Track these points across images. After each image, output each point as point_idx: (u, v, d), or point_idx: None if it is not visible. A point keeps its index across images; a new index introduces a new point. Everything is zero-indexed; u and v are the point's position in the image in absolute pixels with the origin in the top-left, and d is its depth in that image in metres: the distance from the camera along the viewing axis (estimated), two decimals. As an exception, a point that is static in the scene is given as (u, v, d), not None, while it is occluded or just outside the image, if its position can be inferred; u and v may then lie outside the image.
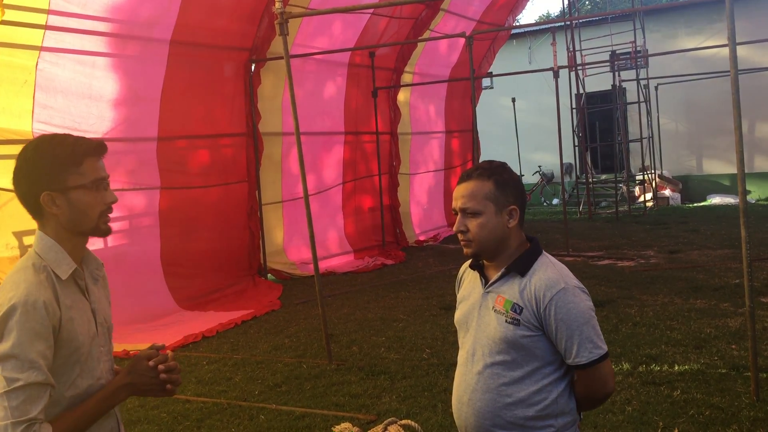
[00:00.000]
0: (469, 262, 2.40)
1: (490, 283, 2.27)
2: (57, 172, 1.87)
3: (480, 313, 2.27)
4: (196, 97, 9.45)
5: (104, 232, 1.97)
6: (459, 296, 2.46)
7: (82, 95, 7.87)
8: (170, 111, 8.90)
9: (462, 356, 2.34)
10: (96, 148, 1.93)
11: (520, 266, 2.21)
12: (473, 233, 2.22)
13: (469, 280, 2.42)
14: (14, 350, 1.73)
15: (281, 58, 7.94)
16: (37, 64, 7.31)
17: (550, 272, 2.18)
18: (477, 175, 2.23)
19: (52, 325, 1.80)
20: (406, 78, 14.20)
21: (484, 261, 2.31)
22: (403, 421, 4.68)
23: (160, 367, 1.94)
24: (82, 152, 1.90)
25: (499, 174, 2.23)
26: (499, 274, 2.24)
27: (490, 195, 2.20)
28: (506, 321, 2.17)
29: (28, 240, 7.40)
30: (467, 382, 2.26)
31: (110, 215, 1.97)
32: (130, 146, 8.50)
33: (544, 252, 2.27)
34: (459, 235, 2.27)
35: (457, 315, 2.41)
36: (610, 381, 2.17)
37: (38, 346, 1.76)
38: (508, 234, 2.23)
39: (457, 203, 2.26)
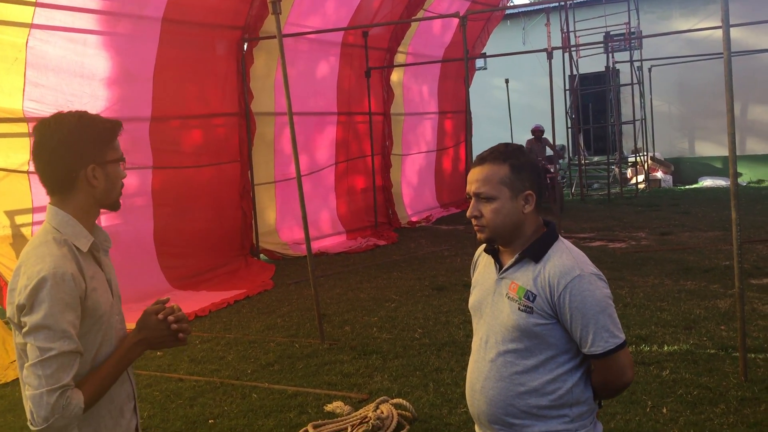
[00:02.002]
0: (484, 246, 2.31)
1: (504, 269, 2.20)
2: (101, 145, 1.97)
3: (493, 300, 2.20)
4: (189, 76, 9.39)
5: (118, 206, 2.08)
6: (473, 281, 2.38)
7: (74, 73, 7.81)
8: (163, 90, 8.84)
9: (475, 343, 2.27)
10: (120, 127, 2.06)
11: (535, 252, 2.14)
12: (487, 219, 2.14)
13: (483, 265, 2.34)
14: (46, 321, 1.80)
15: (274, 37, 7.92)
16: (27, 42, 7.24)
17: (565, 259, 2.10)
18: (492, 159, 2.15)
19: (79, 295, 1.87)
20: (400, 58, 14.14)
21: (499, 246, 2.24)
22: (395, 400, 4.74)
23: (170, 318, 2.02)
24: (114, 129, 2.02)
25: (516, 158, 2.14)
26: (513, 260, 2.17)
27: (506, 179, 2.12)
28: (519, 308, 2.10)
29: (20, 219, 7.38)
30: (480, 370, 2.20)
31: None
32: (123, 125, 8.44)
33: (560, 237, 2.20)
34: (473, 221, 2.18)
35: (471, 300, 2.32)
36: (628, 371, 2.10)
37: (68, 316, 1.83)
38: (523, 219, 2.15)
39: (471, 187, 2.17)
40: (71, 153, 1.94)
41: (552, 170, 13.84)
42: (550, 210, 13.37)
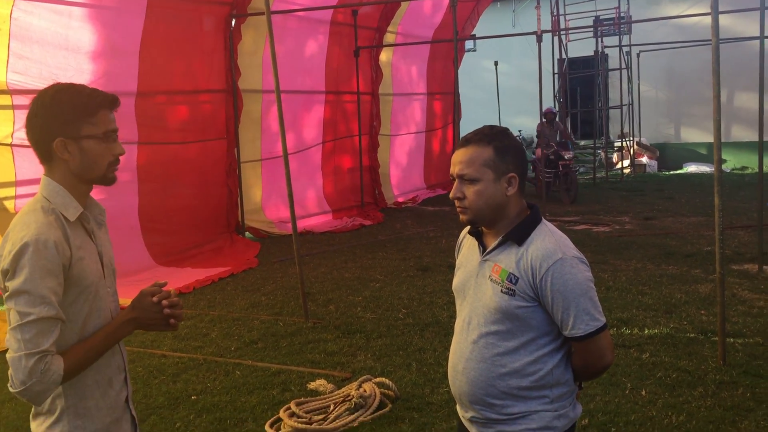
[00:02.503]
0: (468, 228, 2.32)
1: (487, 251, 2.21)
2: (72, 120, 1.94)
3: (477, 282, 2.22)
4: (175, 51, 9.28)
5: (111, 181, 2.06)
6: (458, 263, 2.39)
7: (59, 46, 7.70)
8: (149, 65, 8.74)
9: (458, 324, 2.28)
10: (111, 101, 2.03)
11: (518, 235, 2.15)
12: (470, 200, 2.15)
13: (467, 247, 2.35)
14: (26, 286, 1.83)
15: (262, 13, 7.83)
16: (11, 13, 7.13)
17: (547, 242, 2.11)
18: (476, 141, 2.15)
19: (63, 263, 1.88)
20: (389, 38, 14.05)
21: (483, 228, 2.25)
22: (378, 379, 4.77)
23: (164, 302, 2.02)
24: (97, 104, 1.98)
25: (500, 140, 2.15)
26: (497, 242, 2.18)
27: (489, 161, 2.12)
28: (501, 291, 2.12)
29: (3, 192, 7.31)
30: (462, 351, 2.22)
31: (116, 166, 2.06)
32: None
33: (543, 220, 2.21)
34: (456, 202, 2.19)
35: (455, 282, 2.34)
36: (608, 353, 2.13)
37: (49, 283, 1.85)
38: (506, 202, 2.16)
39: (454, 169, 2.18)
40: (41, 126, 1.96)
41: (566, 157, 13.32)
42: (559, 200, 13.31)
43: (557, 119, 14.53)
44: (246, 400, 4.75)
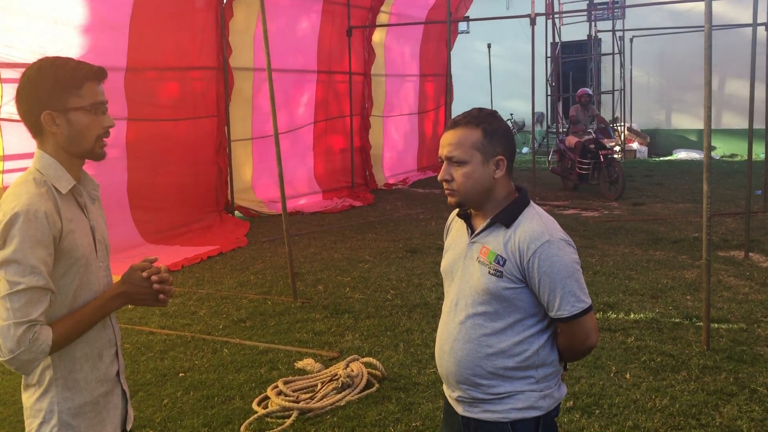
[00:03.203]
0: (457, 210, 2.34)
1: (475, 233, 2.22)
2: (58, 92, 1.95)
3: (465, 263, 2.23)
4: (166, 27, 9.18)
5: (99, 156, 2.06)
6: (446, 245, 2.41)
7: (48, 19, 7.61)
8: (139, 40, 8.64)
9: (446, 305, 2.31)
10: (96, 72, 2.02)
11: (506, 217, 2.17)
12: (458, 183, 2.17)
13: (456, 229, 2.37)
14: (16, 255, 1.84)
15: (255, -10, 7.74)
16: (-1, -16, 7.04)
17: (535, 224, 2.13)
18: (465, 123, 2.17)
19: (53, 234, 1.89)
20: (382, 18, 13.96)
21: (471, 210, 2.27)
22: (365, 359, 4.80)
23: (154, 278, 2.04)
24: (83, 75, 1.98)
25: (488, 122, 2.17)
26: (485, 224, 2.20)
27: (478, 144, 2.14)
28: (489, 272, 2.14)
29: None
30: (449, 332, 2.24)
31: (106, 140, 2.05)
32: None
33: (531, 203, 2.23)
34: (444, 184, 2.21)
35: (443, 264, 2.36)
36: (592, 335, 2.16)
37: (39, 253, 1.86)
38: (494, 184, 2.18)
39: (443, 151, 2.19)
40: (28, 98, 1.97)
41: (609, 145, 11.78)
42: (599, 192, 11.94)
43: (592, 103, 13.09)
44: (233, 378, 4.77)
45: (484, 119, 2.17)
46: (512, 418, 2.17)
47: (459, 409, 2.27)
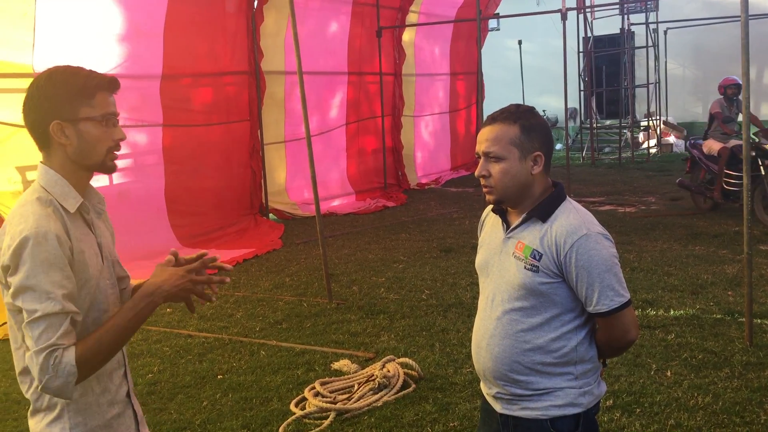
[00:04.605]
0: (491, 206, 2.32)
1: (511, 228, 2.21)
2: (68, 102, 1.86)
3: (500, 259, 2.22)
4: (199, 33, 9.31)
5: (110, 169, 1.96)
6: (480, 240, 2.40)
7: (84, 29, 7.75)
8: (173, 47, 8.78)
9: (482, 301, 2.30)
10: (109, 82, 1.92)
11: (542, 212, 2.15)
12: (495, 179, 2.15)
13: (490, 224, 2.36)
14: (29, 281, 1.75)
15: (284, -6, 7.78)
16: (36, -3, 7.19)
17: (572, 218, 2.12)
18: (503, 119, 2.15)
19: (65, 255, 1.80)
20: (412, 18, 13.95)
21: (507, 206, 2.26)
22: (401, 359, 4.79)
23: (194, 265, 2.10)
24: (95, 85, 1.89)
25: (526, 118, 2.16)
26: (521, 219, 2.19)
27: (516, 140, 2.13)
28: (525, 267, 2.13)
29: (32, 175, 7.40)
30: (486, 328, 2.23)
31: (117, 153, 1.96)
32: (134, 83, 8.41)
33: (568, 198, 2.21)
34: (481, 180, 2.19)
35: (478, 259, 2.35)
36: (632, 329, 2.14)
37: (53, 276, 1.76)
38: (531, 181, 2.16)
39: (480, 147, 2.18)
40: (37, 107, 1.88)
41: None
42: (758, 220, 8.48)
43: (739, 95, 9.69)
44: (271, 380, 4.80)
45: (522, 115, 2.17)
46: (551, 415, 2.15)
47: (497, 407, 2.25)
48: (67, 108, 1.86)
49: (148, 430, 2.15)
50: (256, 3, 10.23)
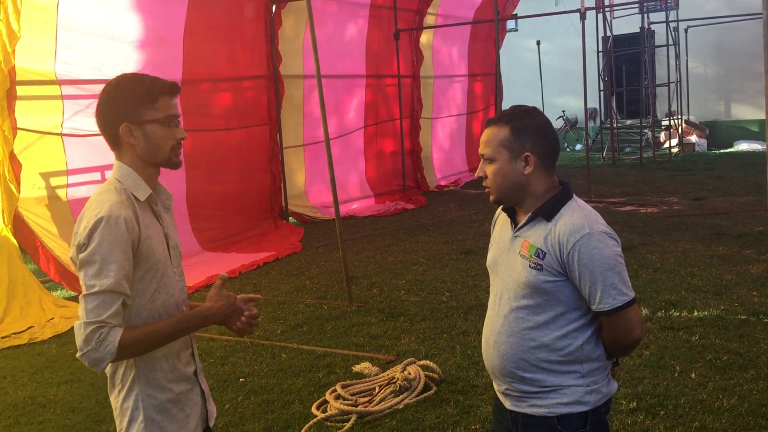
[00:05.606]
0: (502, 206, 2.37)
1: (518, 227, 2.25)
2: (135, 106, 2.07)
3: (508, 257, 2.26)
4: (218, 39, 9.39)
5: (175, 165, 2.19)
6: (491, 239, 2.44)
7: (105, 36, 7.85)
8: (193, 53, 8.86)
9: (491, 299, 2.34)
10: (170, 87, 2.14)
11: (547, 211, 2.18)
12: (490, 180, 2.22)
13: (501, 224, 2.39)
14: (94, 257, 1.96)
15: (302, -2, 7.82)
16: (58, 4, 7.27)
17: (575, 217, 2.13)
18: (495, 121, 2.22)
19: (132, 240, 2.01)
20: (429, 20, 13.95)
21: (514, 206, 2.30)
22: (422, 362, 4.79)
23: (245, 307, 2.28)
24: (158, 90, 2.10)
25: (519, 120, 2.19)
26: (527, 218, 2.22)
27: (505, 142, 2.18)
28: (530, 266, 2.16)
29: (55, 181, 7.50)
30: (494, 325, 2.27)
31: (180, 150, 2.19)
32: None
33: (574, 197, 2.22)
34: (483, 181, 2.27)
35: (488, 258, 2.40)
36: (636, 328, 2.14)
37: (116, 256, 1.97)
38: (525, 181, 2.19)
39: (479, 149, 2.26)
40: (108, 112, 2.09)
41: None
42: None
43: None
44: (292, 383, 4.82)
45: (516, 117, 2.20)
46: (558, 413, 2.17)
47: (507, 404, 2.28)
48: (133, 112, 2.08)
49: (214, 406, 2.36)
50: (274, 8, 10.29)
